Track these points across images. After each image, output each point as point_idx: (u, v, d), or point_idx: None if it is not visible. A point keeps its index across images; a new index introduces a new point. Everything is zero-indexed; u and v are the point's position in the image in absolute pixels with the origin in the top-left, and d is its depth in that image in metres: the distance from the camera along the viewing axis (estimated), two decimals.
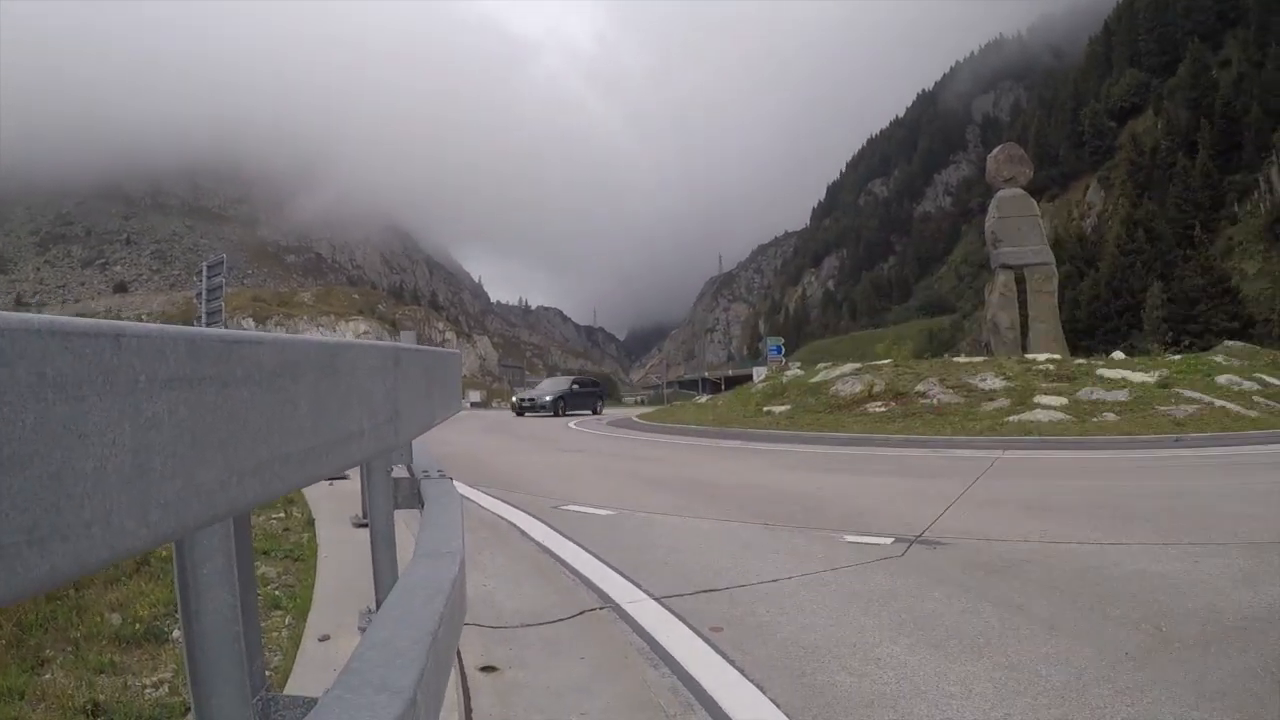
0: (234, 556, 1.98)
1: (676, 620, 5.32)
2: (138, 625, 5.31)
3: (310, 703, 2.52)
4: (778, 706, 3.96)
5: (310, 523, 8.70)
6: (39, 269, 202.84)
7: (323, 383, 1.60)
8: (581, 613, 5.60)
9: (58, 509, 0.81)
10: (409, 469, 4.98)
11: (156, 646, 5.02)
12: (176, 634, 5.23)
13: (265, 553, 7.22)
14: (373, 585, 3.93)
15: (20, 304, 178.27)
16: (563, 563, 7.04)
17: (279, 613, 5.66)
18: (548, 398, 44.90)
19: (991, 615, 5.28)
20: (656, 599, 5.80)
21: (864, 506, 9.66)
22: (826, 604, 5.64)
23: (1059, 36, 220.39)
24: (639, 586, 6.13)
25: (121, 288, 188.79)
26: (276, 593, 6.11)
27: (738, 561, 6.99)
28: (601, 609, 5.66)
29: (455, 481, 11.29)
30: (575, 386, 48.32)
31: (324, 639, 4.92)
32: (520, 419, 40.52)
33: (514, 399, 49.94)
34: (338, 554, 7.11)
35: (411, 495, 4.43)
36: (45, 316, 0.82)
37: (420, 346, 3.12)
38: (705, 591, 6.01)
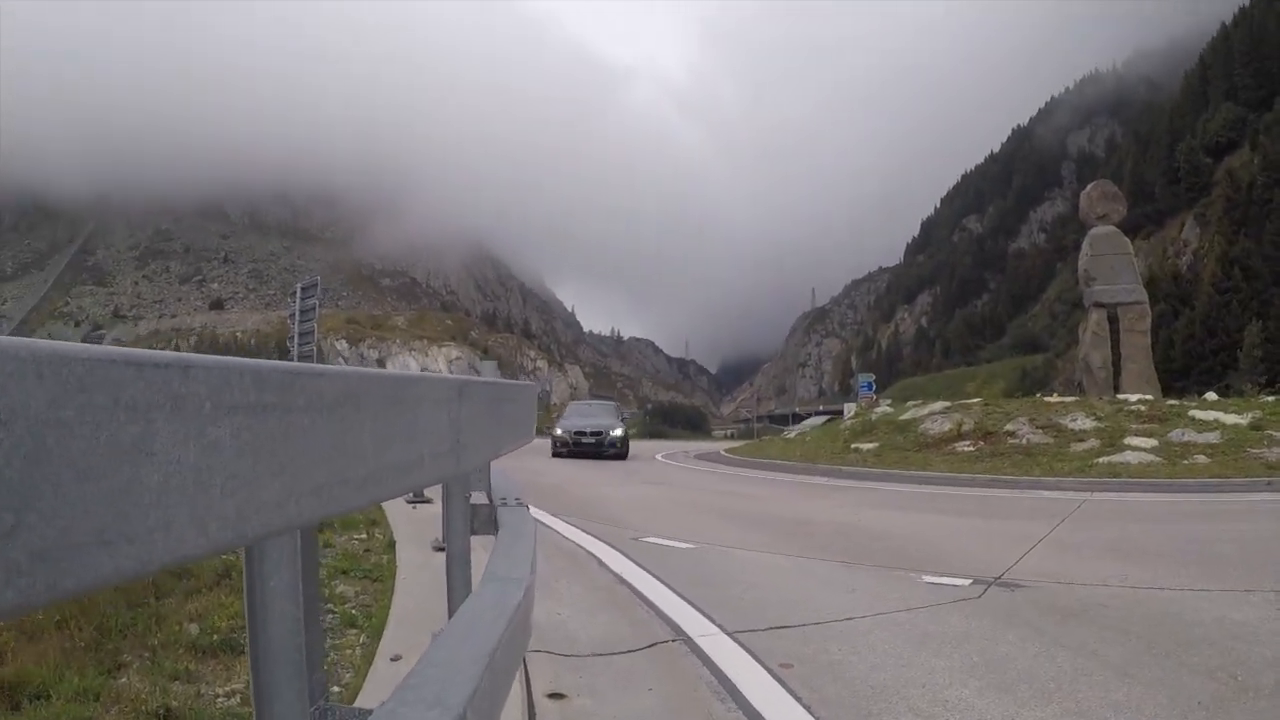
0: (299, 572, 2.10)
1: (747, 655, 5.34)
2: (215, 636, 5.48)
3: (365, 714, 2.62)
4: None
5: (391, 545, 8.87)
6: (137, 283, 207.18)
7: (386, 412, 1.71)
8: (653, 644, 5.65)
9: (126, 516, 0.92)
10: (488, 495, 5.09)
11: (231, 657, 5.17)
12: None
13: (344, 572, 7.38)
14: (446, 608, 4.02)
15: (118, 316, 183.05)
16: (638, 594, 7.09)
17: (354, 631, 5.79)
18: (611, 429, 30.19)
19: (1065, 660, 5.23)
20: (729, 633, 5.82)
21: (945, 547, 9.59)
22: (898, 644, 5.63)
23: (1155, 70, 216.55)
24: (712, 620, 6.16)
25: (218, 305, 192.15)
26: (353, 611, 6.25)
27: (813, 598, 7.00)
28: (674, 641, 5.70)
29: (537, 510, 11.38)
30: (624, 414, 37.36)
31: (396, 659, 5.03)
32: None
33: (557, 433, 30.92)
34: (416, 576, 7.24)
35: (489, 521, 4.52)
36: (123, 349, 0.93)
37: (489, 379, 3.22)
38: (779, 628, 6.02)
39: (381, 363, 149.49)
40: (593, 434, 29.66)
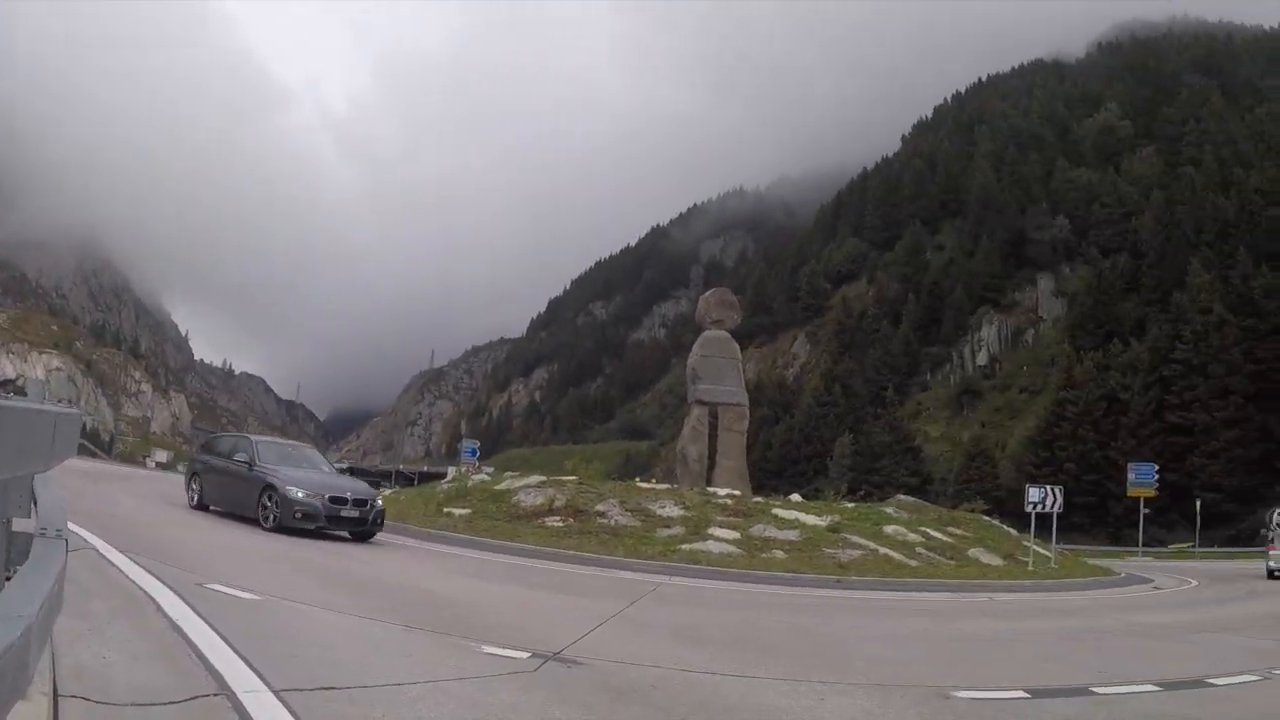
0: None
1: (290, 716, 5.27)
2: None
3: None
4: None
5: None
6: None
7: None
8: (194, 698, 5.45)
9: None
10: (35, 523, 4.82)
11: None
12: None
13: None
14: None
15: None
16: (189, 643, 6.82)
17: None
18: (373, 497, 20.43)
19: None
20: (275, 691, 5.70)
21: (515, 619, 9.82)
22: (445, 713, 5.70)
23: (794, 197, 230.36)
24: (261, 676, 6.01)
25: None
26: None
27: (368, 660, 7.00)
28: (216, 695, 5.53)
29: (105, 545, 10.76)
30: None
31: None
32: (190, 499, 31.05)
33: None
34: None
35: (27, 551, 4.31)
36: None
37: None
38: (327, 689, 5.95)
39: None
40: (356, 503, 18.61)
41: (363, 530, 18.61)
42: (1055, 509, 23.18)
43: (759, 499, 25.64)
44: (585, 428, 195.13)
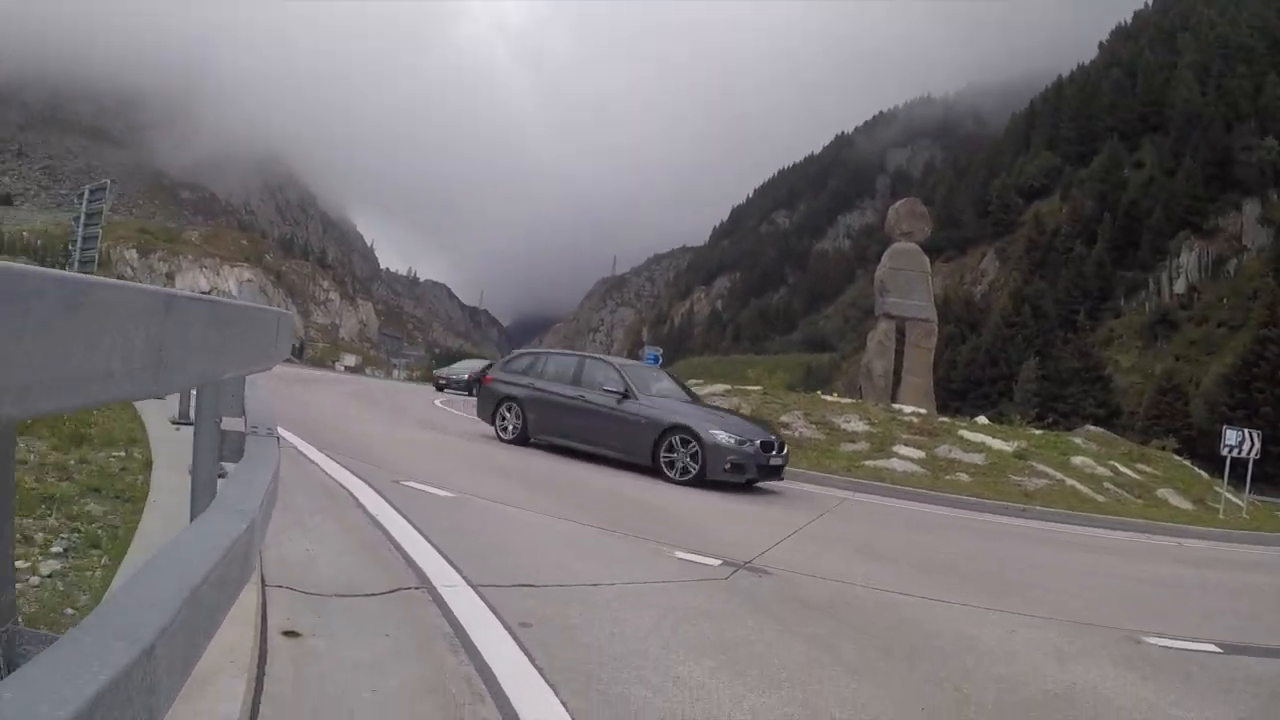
0: None
1: (488, 610, 5.33)
2: None
3: (53, 640, 2.51)
4: (567, 710, 4.00)
5: (148, 465, 8.51)
6: None
7: (61, 318, 1.59)
8: (396, 590, 5.58)
9: None
10: (245, 422, 4.93)
11: None
12: None
13: (96, 490, 7.04)
14: None
15: None
16: (390, 538, 7.00)
17: (97, 552, 5.54)
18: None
19: (799, 650, 5.38)
20: (473, 586, 5.80)
21: (704, 525, 9.80)
22: (640, 615, 5.70)
23: (985, 106, 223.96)
24: (459, 571, 6.12)
25: (6, 200, 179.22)
26: (99, 531, 5.97)
27: (564, 560, 7.05)
28: (417, 589, 5.65)
29: (304, 444, 11.12)
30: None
31: None
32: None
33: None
34: (167, 500, 6.94)
35: (238, 449, 4.39)
36: None
37: (216, 299, 3.04)
38: (525, 586, 6.04)
39: (170, 277, 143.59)
40: (779, 447, 17.33)
41: (773, 477, 14.90)
42: (1252, 455, 21.93)
43: (944, 419, 25.08)
44: (766, 338, 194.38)
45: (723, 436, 13.84)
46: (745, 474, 13.86)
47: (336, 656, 4.36)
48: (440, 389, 42.53)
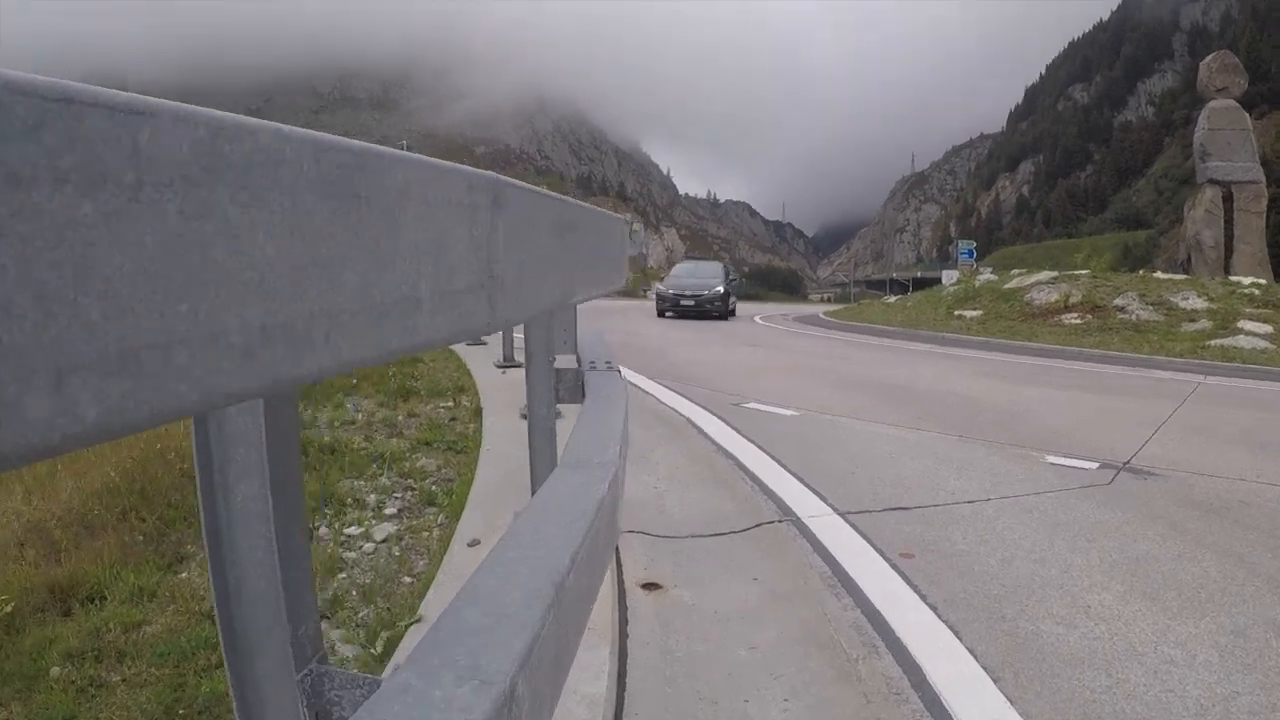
0: (268, 480, 1.47)
1: (863, 541, 4.81)
2: None
3: (372, 684, 2.03)
4: (976, 659, 3.42)
5: (478, 412, 8.38)
6: None
7: (328, 211, 0.92)
8: (758, 525, 5.11)
9: None
10: (577, 358, 4.58)
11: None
12: (323, 531, 4.95)
13: (427, 444, 6.95)
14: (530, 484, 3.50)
15: None
16: (740, 466, 6.54)
17: (433, 510, 5.37)
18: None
19: (1211, 565, 4.59)
20: (841, 514, 5.28)
21: (1063, 424, 8.85)
22: (1028, 535, 5.04)
23: None
24: (822, 498, 5.61)
25: None
26: (433, 487, 5.80)
27: (930, 476, 6.39)
28: (780, 522, 5.16)
29: (629, 372, 10.80)
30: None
31: (474, 544, 4.53)
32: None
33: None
34: (501, 448, 6.74)
35: (575, 388, 4.01)
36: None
37: (559, 195, 2.32)
38: (894, 509, 5.46)
39: None
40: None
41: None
42: None
43: None
44: (1078, 220, 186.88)
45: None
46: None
47: (704, 609, 3.92)
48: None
